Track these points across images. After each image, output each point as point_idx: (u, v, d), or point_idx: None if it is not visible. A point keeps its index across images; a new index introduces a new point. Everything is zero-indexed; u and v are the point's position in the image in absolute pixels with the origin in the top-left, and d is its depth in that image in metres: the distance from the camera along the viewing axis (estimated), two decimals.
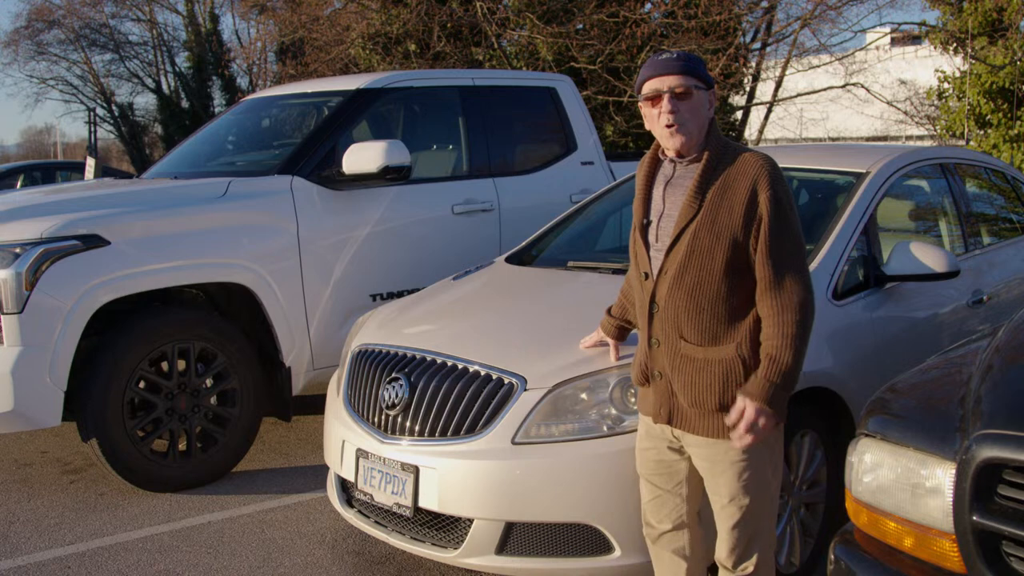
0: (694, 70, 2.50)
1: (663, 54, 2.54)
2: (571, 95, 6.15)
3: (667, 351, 2.55)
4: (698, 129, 2.52)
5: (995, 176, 5.24)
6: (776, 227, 2.44)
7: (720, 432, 2.50)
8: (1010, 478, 1.99)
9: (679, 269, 2.50)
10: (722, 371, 2.48)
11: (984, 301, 4.25)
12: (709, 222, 2.47)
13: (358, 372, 3.61)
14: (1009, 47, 14.41)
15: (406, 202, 5.23)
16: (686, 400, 2.53)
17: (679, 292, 2.50)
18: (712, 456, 2.55)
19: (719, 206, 2.47)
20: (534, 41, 13.07)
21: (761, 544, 2.59)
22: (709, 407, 2.50)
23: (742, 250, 2.46)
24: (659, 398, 2.61)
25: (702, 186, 2.49)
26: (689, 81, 2.48)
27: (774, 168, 2.49)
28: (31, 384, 4.13)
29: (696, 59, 2.55)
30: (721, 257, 2.46)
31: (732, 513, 2.55)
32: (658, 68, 2.51)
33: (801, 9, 16.07)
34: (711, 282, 2.47)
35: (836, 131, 23.82)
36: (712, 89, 2.55)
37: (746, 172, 2.47)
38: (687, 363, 2.52)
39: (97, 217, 4.37)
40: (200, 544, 3.98)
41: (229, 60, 25.91)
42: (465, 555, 3.16)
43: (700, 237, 2.47)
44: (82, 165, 13.48)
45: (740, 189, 2.46)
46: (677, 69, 2.49)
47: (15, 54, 28.82)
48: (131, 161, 29.98)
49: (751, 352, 2.48)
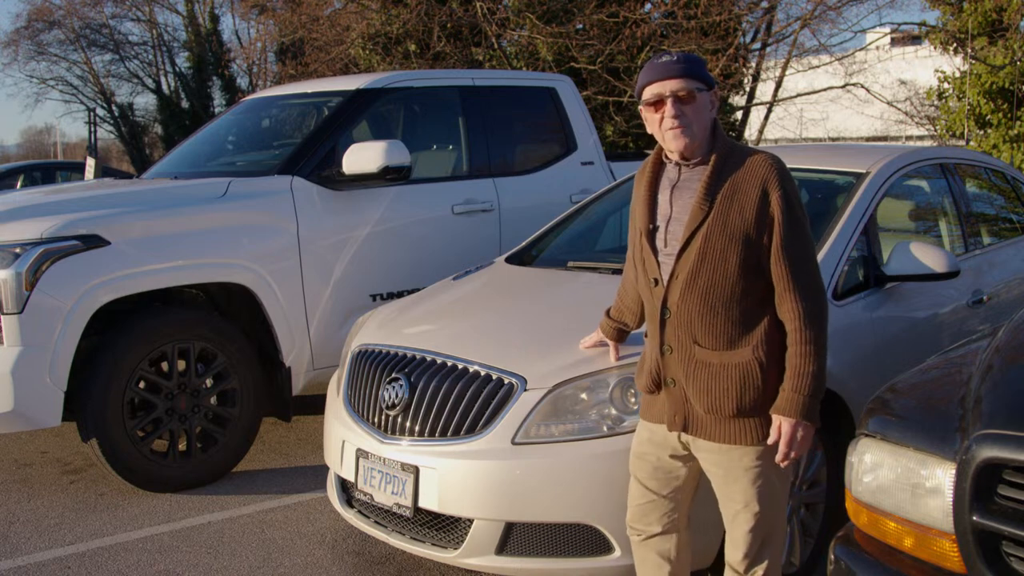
0: (695, 72, 2.48)
1: (663, 56, 2.51)
2: (571, 95, 6.15)
3: (680, 357, 2.52)
4: (702, 131, 2.50)
5: (995, 176, 5.25)
6: (789, 227, 2.43)
7: (736, 438, 2.49)
8: (1010, 478, 1.99)
9: (691, 273, 2.47)
10: (739, 375, 2.46)
11: (984, 301, 4.25)
12: (721, 224, 2.44)
13: (358, 372, 3.61)
14: (1009, 47, 14.41)
15: (406, 202, 5.23)
16: (702, 406, 2.50)
17: (692, 296, 2.47)
18: (726, 463, 2.53)
19: (730, 207, 2.44)
20: (534, 41, 13.07)
21: (772, 549, 2.59)
22: (726, 413, 2.48)
23: (754, 251, 2.44)
24: (673, 406, 2.57)
25: (711, 188, 2.46)
26: (691, 84, 2.46)
27: (783, 168, 2.48)
28: (31, 384, 4.13)
29: (696, 60, 2.52)
30: (734, 259, 2.44)
31: (747, 519, 2.54)
32: (659, 72, 2.48)
33: (801, 9, 16.09)
34: (725, 284, 2.45)
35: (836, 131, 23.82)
36: (714, 89, 2.53)
37: (756, 172, 2.45)
38: (702, 369, 2.49)
39: (97, 217, 4.37)
40: (200, 544, 3.98)
41: (229, 60, 25.92)
42: (465, 555, 3.16)
43: (712, 239, 2.45)
44: (82, 165, 13.47)
45: (751, 190, 2.44)
46: (678, 72, 2.46)
47: (15, 54, 28.82)
48: (131, 161, 29.97)
49: (768, 354, 2.46)
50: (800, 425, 2.43)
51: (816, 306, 2.45)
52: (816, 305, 2.45)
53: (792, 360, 2.44)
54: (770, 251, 2.44)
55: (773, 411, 2.46)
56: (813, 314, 2.43)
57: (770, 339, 2.47)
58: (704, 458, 2.58)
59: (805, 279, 2.44)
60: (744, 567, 2.59)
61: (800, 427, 2.43)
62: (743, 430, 2.48)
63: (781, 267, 2.44)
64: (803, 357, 2.42)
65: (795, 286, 2.43)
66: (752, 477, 2.51)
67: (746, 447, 2.49)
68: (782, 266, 2.44)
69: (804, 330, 2.42)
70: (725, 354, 2.47)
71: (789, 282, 2.44)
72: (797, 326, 2.43)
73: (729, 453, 2.51)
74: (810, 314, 2.43)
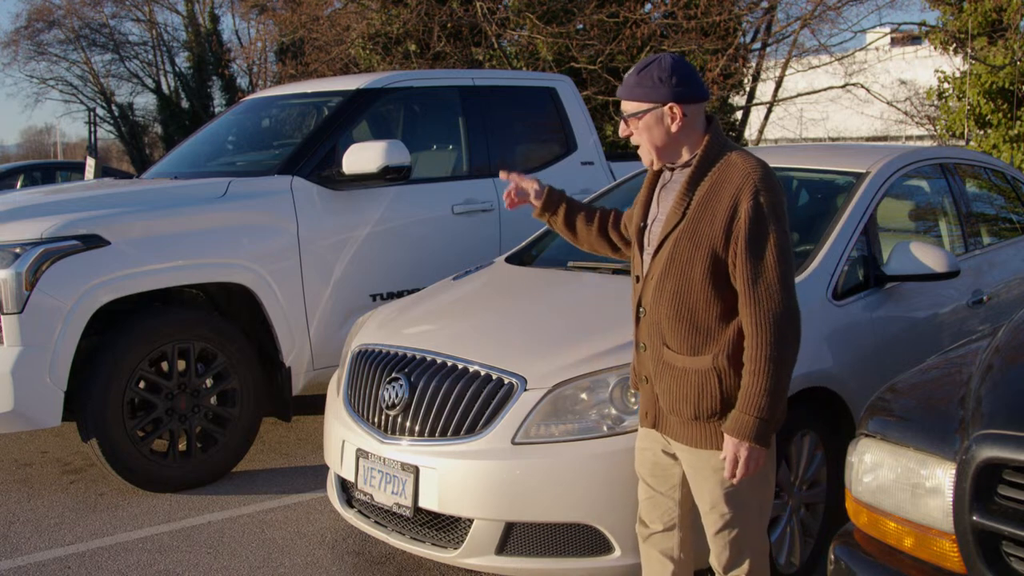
0: (637, 92, 2.45)
1: (634, 68, 2.51)
2: (571, 95, 6.15)
3: (652, 356, 2.54)
4: (658, 147, 2.48)
5: (995, 176, 5.24)
6: (752, 241, 2.35)
7: (698, 441, 2.47)
8: (1010, 478, 1.99)
9: (661, 275, 2.47)
10: (697, 382, 2.44)
11: (984, 301, 4.25)
12: (690, 230, 2.42)
13: (358, 372, 3.61)
14: (1009, 47, 14.40)
15: (406, 202, 5.23)
16: (666, 406, 2.52)
17: (661, 298, 2.48)
18: (695, 463, 2.53)
19: (702, 214, 2.41)
20: (534, 41, 13.07)
21: (752, 552, 2.56)
22: (685, 416, 2.47)
23: (721, 262, 2.40)
24: (646, 403, 2.61)
25: (688, 192, 2.45)
26: (633, 107, 2.46)
27: (763, 177, 2.39)
28: (31, 384, 4.13)
29: (646, 77, 2.44)
30: (700, 267, 2.41)
31: (714, 520, 2.53)
32: (621, 87, 2.52)
33: (801, 9, 16.11)
34: (689, 291, 2.43)
35: (836, 131, 23.81)
36: (667, 104, 2.42)
37: (732, 180, 2.40)
38: (667, 370, 2.50)
39: (97, 217, 4.37)
40: (200, 544, 3.98)
41: (229, 60, 25.89)
42: (465, 555, 3.16)
43: (681, 245, 2.43)
44: (82, 165, 13.47)
45: (724, 198, 2.39)
46: (624, 94, 2.49)
47: (15, 54, 28.81)
48: (131, 161, 29.96)
49: (728, 365, 2.41)
50: (745, 447, 2.36)
51: (777, 325, 2.33)
52: (777, 324, 2.33)
53: (744, 378, 2.36)
54: (735, 264, 2.38)
55: (723, 428, 2.41)
56: (771, 333, 2.33)
57: (735, 351, 2.41)
58: (679, 456, 2.58)
59: (767, 297, 2.34)
60: (722, 568, 2.59)
61: (745, 449, 2.36)
62: (703, 434, 2.46)
63: (741, 281, 2.37)
64: (754, 375, 2.34)
65: (754, 303, 2.35)
66: (719, 479, 2.48)
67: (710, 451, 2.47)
68: (742, 280, 2.37)
69: (757, 348, 2.34)
70: (688, 359, 2.46)
71: (749, 298, 2.36)
72: (751, 343, 2.35)
73: (696, 454, 2.51)
74: (768, 332, 2.33)
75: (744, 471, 2.39)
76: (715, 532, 2.54)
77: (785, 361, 2.36)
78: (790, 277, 2.40)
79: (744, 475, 2.40)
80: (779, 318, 2.35)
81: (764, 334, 2.34)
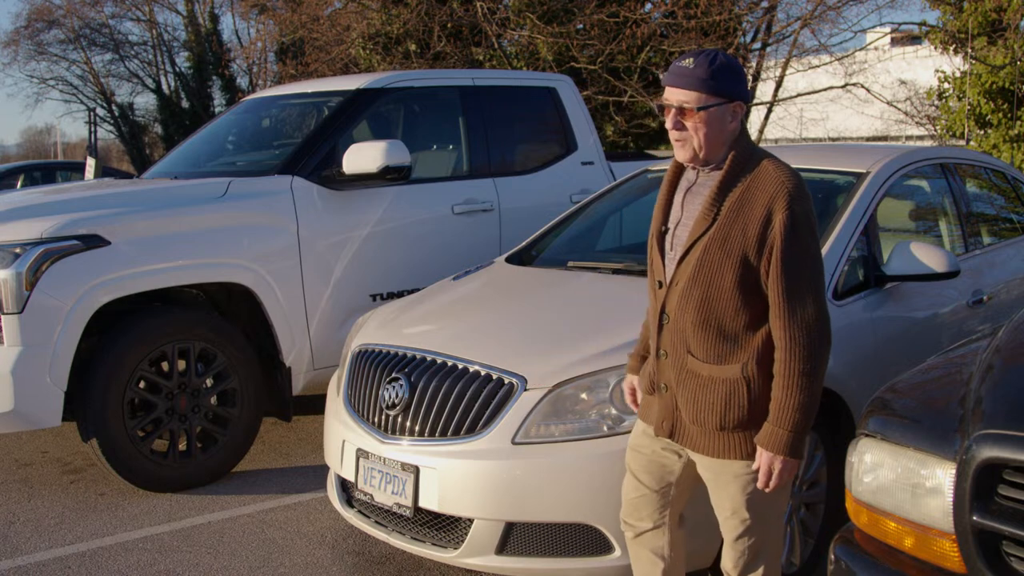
0: (708, 85, 2.35)
1: (685, 58, 2.39)
2: (571, 95, 6.15)
3: (674, 364, 2.48)
4: (708, 145, 2.40)
5: (995, 176, 5.24)
6: (788, 252, 2.32)
7: (722, 452, 2.44)
8: (1010, 478, 1.99)
9: (689, 282, 2.41)
10: (725, 391, 2.40)
11: (984, 301, 4.25)
12: (721, 237, 2.36)
13: (358, 372, 3.61)
14: (1009, 47, 14.40)
15: (406, 202, 5.24)
16: (688, 416, 2.47)
17: (688, 305, 2.42)
18: (716, 468, 2.50)
19: (734, 222, 2.36)
20: (534, 41, 13.07)
21: (767, 557, 2.56)
22: (710, 426, 2.43)
23: (753, 270, 2.35)
24: (663, 411, 2.54)
25: (719, 197, 2.39)
26: (699, 98, 2.35)
27: (796, 187, 2.35)
28: (31, 384, 4.13)
29: (719, 70, 2.36)
30: (730, 275, 2.36)
31: (734, 526, 2.52)
32: (672, 76, 2.39)
33: (801, 9, 16.07)
34: (719, 298, 2.38)
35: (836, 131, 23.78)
36: (736, 102, 2.39)
37: (765, 188, 2.34)
38: (692, 378, 2.45)
39: (97, 217, 4.37)
40: (200, 544, 3.98)
41: (229, 60, 25.87)
42: (465, 555, 3.16)
43: (711, 252, 2.37)
44: (82, 165, 13.47)
45: (757, 207, 2.34)
46: (686, 83, 2.36)
47: (15, 54, 28.79)
48: (131, 161, 29.95)
49: (757, 373, 2.39)
50: (779, 460, 2.36)
51: (810, 338, 2.33)
52: (810, 337, 2.33)
53: (776, 392, 2.35)
54: (768, 274, 2.35)
55: (756, 440, 2.40)
56: (805, 346, 2.32)
57: (763, 359, 2.39)
58: (697, 461, 2.56)
59: (801, 308, 2.33)
60: (737, 573, 2.57)
61: (779, 462, 2.36)
62: (728, 445, 2.44)
63: (776, 293, 2.34)
64: (787, 390, 2.33)
65: (788, 314, 2.33)
66: (741, 485, 2.46)
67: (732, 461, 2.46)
68: (777, 292, 2.34)
69: (791, 361, 2.32)
70: (715, 368, 2.42)
71: (782, 309, 2.33)
72: (784, 357, 2.33)
73: (718, 462, 2.48)
74: (802, 345, 2.32)
75: (778, 482, 2.39)
76: (734, 538, 2.53)
77: (818, 374, 2.36)
78: (823, 288, 2.39)
79: (777, 486, 2.40)
80: (813, 331, 2.34)
81: (798, 347, 2.32)
